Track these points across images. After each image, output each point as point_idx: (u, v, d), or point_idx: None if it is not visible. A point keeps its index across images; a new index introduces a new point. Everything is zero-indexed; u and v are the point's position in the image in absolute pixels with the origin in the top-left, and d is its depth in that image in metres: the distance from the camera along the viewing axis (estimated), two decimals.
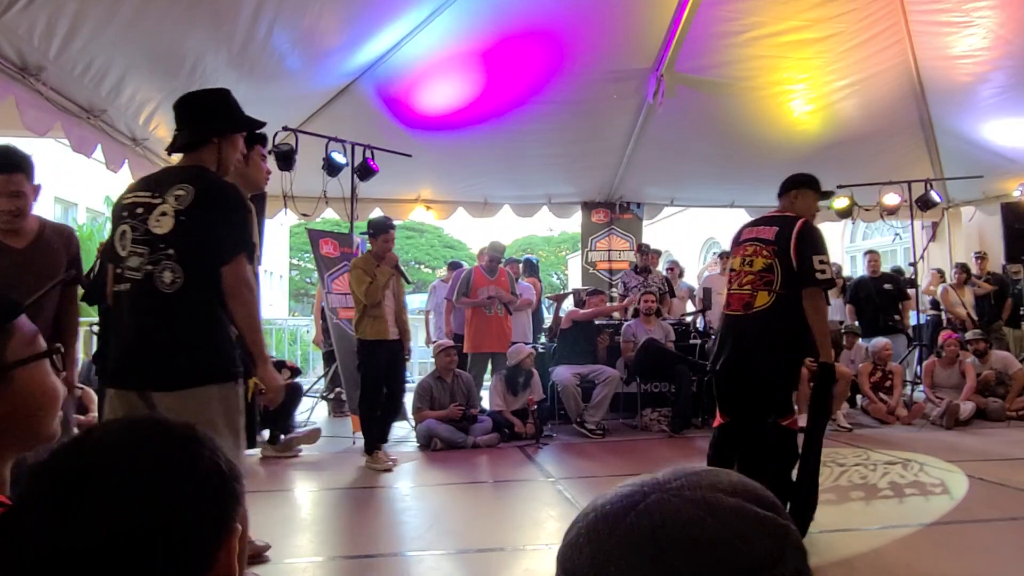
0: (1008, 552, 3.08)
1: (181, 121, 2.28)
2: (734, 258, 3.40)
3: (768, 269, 3.14)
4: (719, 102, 7.29)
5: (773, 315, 3.12)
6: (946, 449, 5.13)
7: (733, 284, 3.31)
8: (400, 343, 5.09)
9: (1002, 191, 8.22)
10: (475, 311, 6.41)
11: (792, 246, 3.10)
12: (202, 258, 2.07)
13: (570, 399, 6.06)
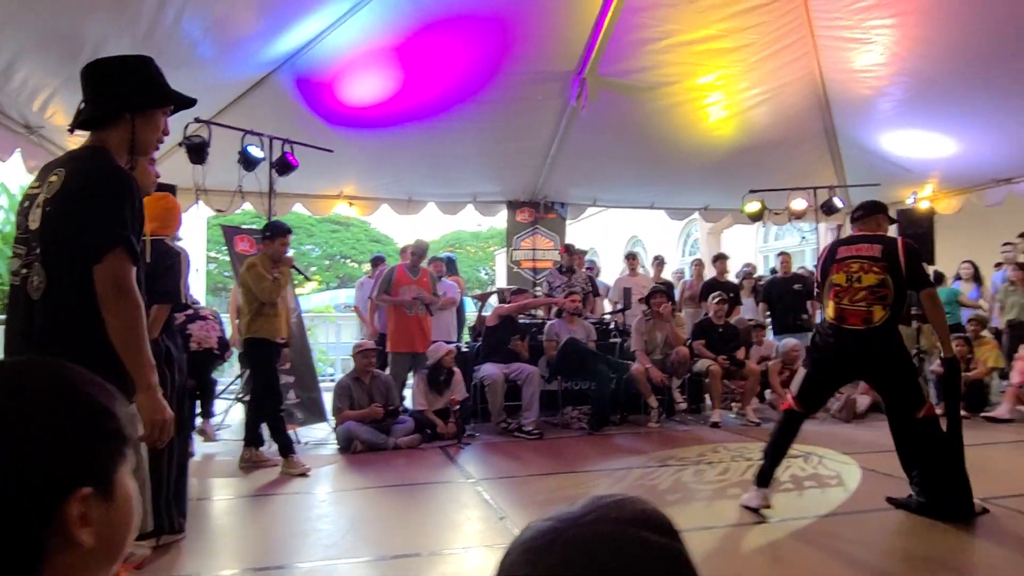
0: (891, 540, 3.30)
1: (87, 92, 1.91)
2: (836, 274, 3.70)
3: (881, 284, 3.53)
4: (640, 106, 7.47)
5: (891, 327, 3.55)
6: (843, 442, 5.46)
7: (844, 299, 3.62)
8: (286, 344, 5.10)
9: (898, 198, 8.78)
10: (396, 310, 6.35)
11: (902, 261, 3.52)
12: (67, 257, 1.73)
13: (497, 395, 6.09)
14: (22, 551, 0.58)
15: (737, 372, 6.70)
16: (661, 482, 4.31)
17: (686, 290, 8.80)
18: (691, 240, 17.64)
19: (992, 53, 6.05)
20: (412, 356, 6.29)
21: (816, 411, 4.00)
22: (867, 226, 3.85)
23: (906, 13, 6.00)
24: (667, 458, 5.00)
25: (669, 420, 6.66)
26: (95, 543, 0.62)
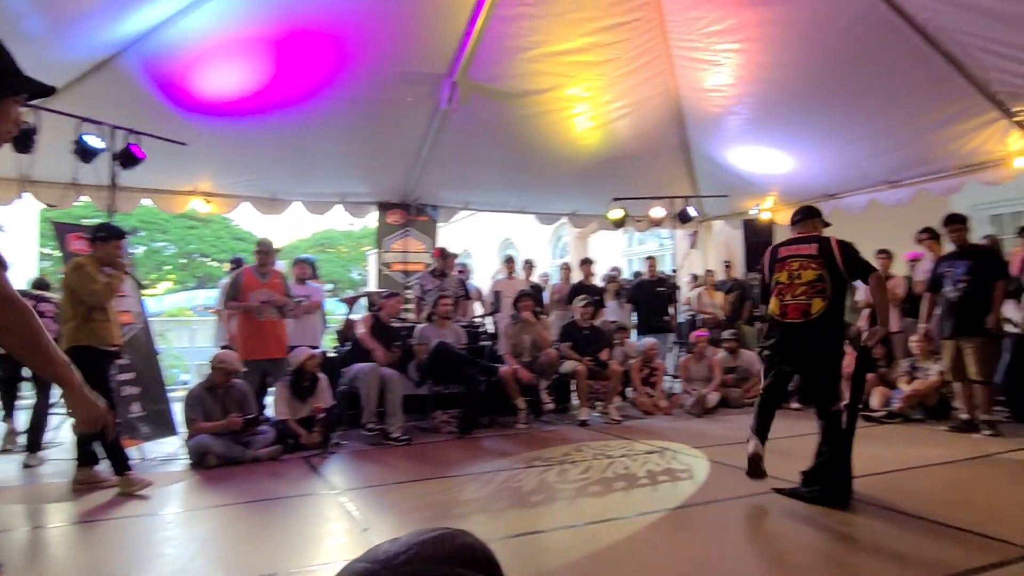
0: (734, 528, 3.57)
1: None
2: (779, 273, 4.08)
3: (819, 279, 3.92)
4: (511, 113, 7.60)
5: (829, 319, 3.90)
6: (694, 436, 5.85)
7: (786, 296, 4.00)
8: (118, 353, 4.77)
9: (743, 209, 9.56)
10: (246, 316, 6.01)
11: (837, 257, 3.90)
12: None
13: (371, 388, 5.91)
14: None
15: (601, 372, 6.99)
16: (526, 483, 4.40)
17: (554, 293, 9.06)
18: (561, 243, 18.17)
19: (821, 82, 6.72)
20: (268, 363, 6.00)
21: (782, 400, 4.40)
22: (805, 228, 4.28)
23: (750, 40, 6.54)
24: (533, 459, 5.12)
25: (537, 421, 6.82)
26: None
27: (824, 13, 5.95)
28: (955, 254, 5.84)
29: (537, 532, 3.46)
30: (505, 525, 3.58)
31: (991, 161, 6.84)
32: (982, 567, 2.82)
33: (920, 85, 6.25)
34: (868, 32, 5.89)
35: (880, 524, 3.47)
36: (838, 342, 4.00)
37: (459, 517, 3.74)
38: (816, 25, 6.11)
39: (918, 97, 6.42)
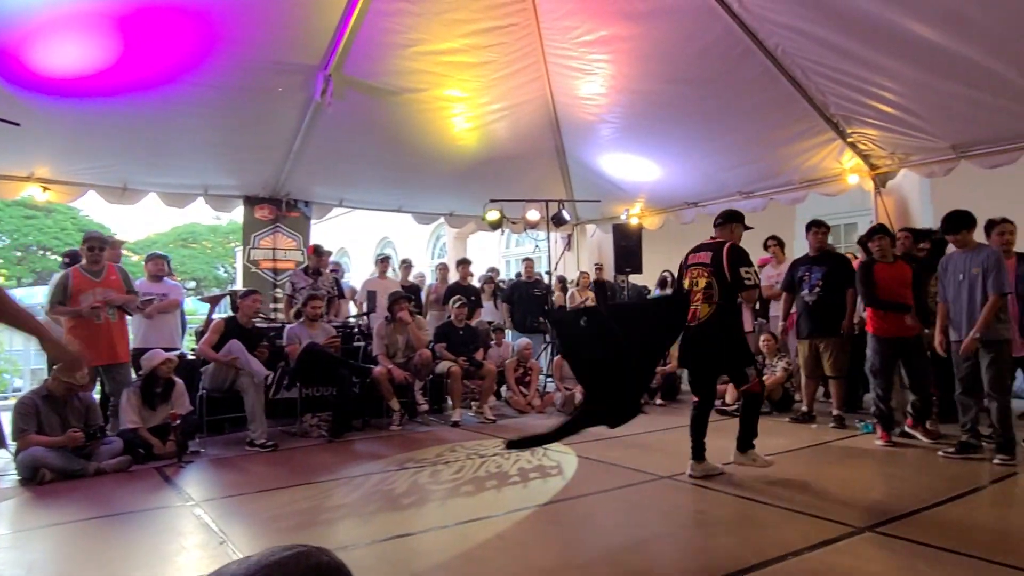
0: (600, 521, 3.70)
1: None
2: (685, 280, 4.46)
3: (708, 286, 4.27)
4: (388, 109, 7.47)
5: (716, 321, 4.27)
6: None
7: (691, 300, 4.37)
8: None
9: (614, 214, 9.97)
10: (76, 321, 5.35)
11: (725, 266, 4.24)
12: None
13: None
14: None
15: (476, 372, 7.03)
16: (398, 486, 4.34)
17: (431, 293, 9.01)
18: (440, 243, 18.14)
19: (684, 96, 7.15)
20: (109, 369, 5.51)
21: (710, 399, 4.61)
22: (722, 232, 4.54)
23: (619, 52, 6.84)
24: (406, 461, 5.06)
25: (412, 422, 6.76)
26: None
27: (686, 32, 6.33)
28: (813, 259, 6.26)
29: (408, 535, 3.42)
30: (375, 529, 3.51)
31: (829, 176, 7.57)
32: (815, 544, 3.10)
33: (769, 105, 6.81)
34: (726, 52, 6.33)
35: (728, 510, 3.73)
36: (727, 343, 4.36)
37: (326, 524, 3.63)
38: (679, 43, 6.49)
39: (767, 116, 6.99)
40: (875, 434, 5.44)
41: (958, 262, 4.81)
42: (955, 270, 4.80)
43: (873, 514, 3.51)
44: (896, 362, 5.36)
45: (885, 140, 6.74)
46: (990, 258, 4.64)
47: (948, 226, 4.81)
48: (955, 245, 4.86)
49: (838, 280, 6.03)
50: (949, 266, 4.89)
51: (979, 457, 4.71)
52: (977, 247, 4.78)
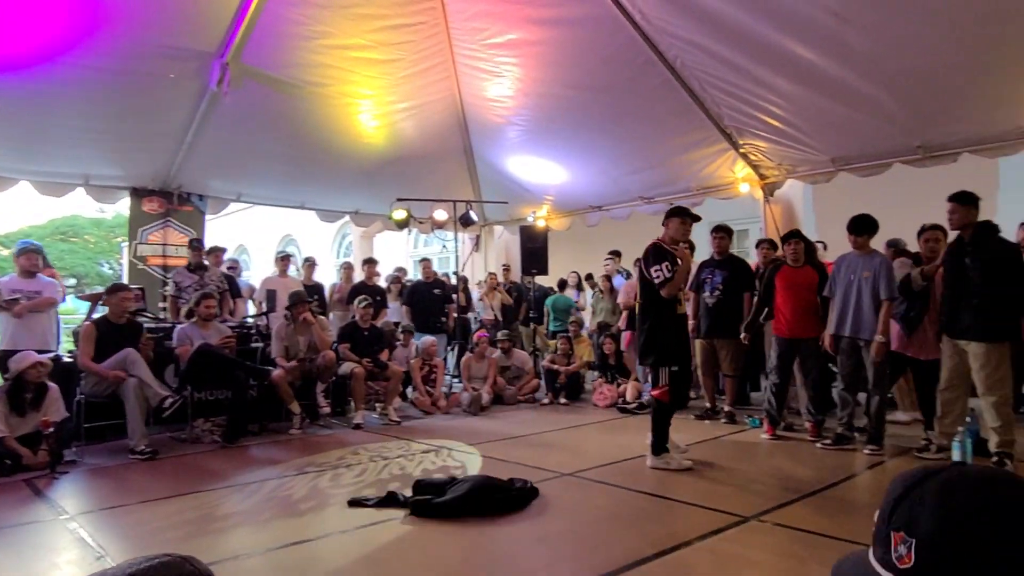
0: (503, 518, 3.70)
1: None
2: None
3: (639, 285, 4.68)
4: (290, 102, 7.22)
5: (643, 320, 4.69)
6: (470, 433, 6.03)
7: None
8: None
9: (521, 215, 10.08)
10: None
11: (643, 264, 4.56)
12: None
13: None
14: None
15: (380, 373, 6.91)
16: (296, 491, 4.19)
17: (335, 293, 8.78)
18: (346, 242, 17.72)
19: (589, 102, 7.33)
20: None
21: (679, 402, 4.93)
22: (664, 230, 4.78)
23: (527, 56, 6.92)
24: (306, 465, 4.90)
25: (313, 425, 6.55)
26: None
27: (592, 40, 6.50)
28: (716, 262, 6.55)
29: (305, 541, 3.32)
30: (270, 537, 3.38)
31: (723, 184, 7.97)
32: (705, 534, 3.26)
33: (669, 114, 7.09)
34: (628, 62, 6.54)
35: (627, 504, 3.85)
36: (642, 340, 4.68)
37: (216, 533, 3.45)
38: (585, 50, 6.65)
39: (667, 124, 7.28)
40: (762, 428, 5.77)
41: (852, 263, 5.16)
42: (848, 270, 5.16)
43: (759, 503, 3.73)
44: (792, 361, 5.69)
45: (773, 152, 7.17)
46: (882, 265, 5.02)
47: (854, 227, 5.14)
48: (853, 246, 5.20)
49: (737, 283, 6.35)
50: (843, 265, 5.22)
51: (852, 448, 5.10)
52: (871, 253, 5.15)
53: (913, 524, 0.70)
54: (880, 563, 0.74)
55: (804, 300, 5.54)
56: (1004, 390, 4.43)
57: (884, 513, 0.75)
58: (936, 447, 4.74)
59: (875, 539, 0.76)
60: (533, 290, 9.77)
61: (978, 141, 6.01)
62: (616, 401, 7.40)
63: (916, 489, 0.72)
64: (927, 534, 0.68)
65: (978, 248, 4.52)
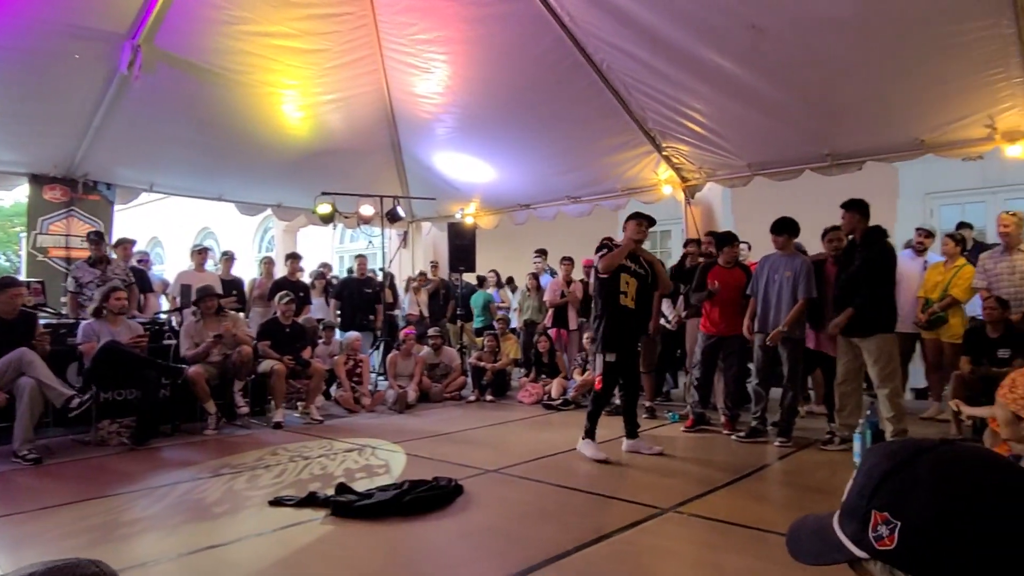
0: (427, 516, 3.68)
1: None
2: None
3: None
4: (207, 89, 6.93)
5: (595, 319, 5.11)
6: (395, 431, 5.97)
7: None
8: None
9: (449, 212, 10.04)
10: None
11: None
12: None
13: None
14: None
15: (302, 371, 6.73)
16: (210, 494, 4.03)
17: (255, 288, 8.49)
18: (269, 236, 17.18)
19: (518, 102, 7.37)
20: None
21: (625, 386, 5.31)
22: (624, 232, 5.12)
23: (457, 54, 6.90)
24: (221, 467, 4.72)
25: (230, 425, 6.32)
26: None
27: (521, 40, 6.54)
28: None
29: (219, 545, 3.19)
30: (181, 542, 3.24)
31: (647, 186, 8.17)
32: (624, 527, 3.34)
33: (596, 115, 7.22)
34: (557, 63, 6.62)
35: (550, 499, 3.90)
36: (594, 329, 5.06)
37: (122, 540, 3.28)
38: (515, 50, 6.69)
39: (594, 125, 7.41)
40: (681, 423, 5.97)
41: (776, 263, 5.42)
42: (771, 270, 5.42)
43: (676, 495, 3.85)
44: (716, 357, 5.90)
45: (694, 155, 7.42)
46: (802, 265, 5.29)
47: (776, 228, 5.41)
48: (776, 247, 5.47)
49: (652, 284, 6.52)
50: (767, 265, 5.50)
51: (764, 440, 5.34)
52: (793, 253, 5.42)
53: (901, 507, 0.66)
54: (852, 539, 0.70)
55: (732, 300, 5.77)
56: (895, 383, 4.79)
57: (864, 488, 0.70)
58: (839, 439, 5.03)
59: (847, 513, 0.72)
60: (461, 287, 9.75)
61: (879, 150, 6.41)
62: (542, 398, 7.49)
63: (905, 468, 0.68)
64: (918, 521, 0.65)
65: (865, 251, 4.86)
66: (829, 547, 0.73)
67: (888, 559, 0.67)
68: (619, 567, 2.90)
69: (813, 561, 0.75)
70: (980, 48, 4.97)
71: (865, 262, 4.84)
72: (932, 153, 6.18)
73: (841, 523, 0.73)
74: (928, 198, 8.82)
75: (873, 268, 4.81)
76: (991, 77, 5.23)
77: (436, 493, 3.77)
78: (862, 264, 4.84)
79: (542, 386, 7.70)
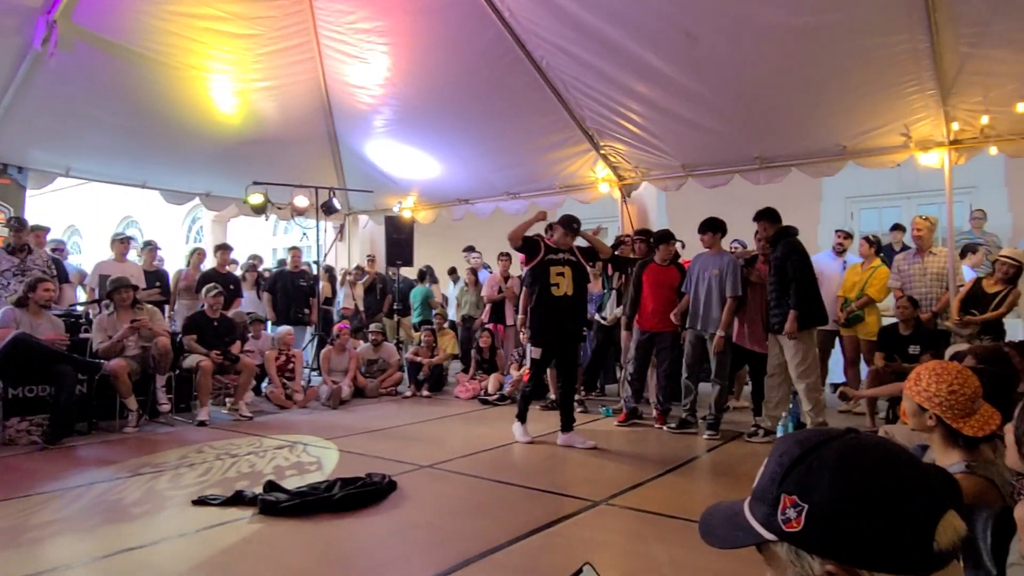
0: (356, 513, 3.63)
1: None
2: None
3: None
4: (130, 71, 6.58)
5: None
6: (328, 427, 5.85)
7: None
8: None
9: (387, 205, 9.89)
10: None
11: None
12: None
13: None
14: None
15: (231, 367, 6.51)
16: (128, 494, 3.85)
17: (182, 280, 8.16)
18: (198, 227, 16.56)
19: (458, 96, 7.32)
20: None
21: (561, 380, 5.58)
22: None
23: (397, 45, 6.79)
24: (141, 466, 4.52)
25: (152, 423, 6.06)
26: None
27: (461, 34, 6.49)
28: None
29: (138, 547, 3.06)
30: (96, 545, 3.09)
31: (584, 184, 8.26)
32: (557, 520, 3.38)
33: (535, 113, 7.25)
34: (498, 59, 6.61)
35: (484, 494, 3.91)
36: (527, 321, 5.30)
37: (31, 544, 3.10)
38: (455, 43, 6.64)
39: (533, 122, 7.43)
40: (614, 418, 6.07)
41: (705, 262, 5.61)
42: (700, 269, 5.60)
43: (609, 488, 3.92)
44: (650, 352, 6.02)
45: (631, 155, 7.55)
46: (729, 264, 5.47)
47: (702, 227, 5.63)
48: (703, 245, 5.67)
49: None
50: (697, 264, 5.70)
51: (693, 432, 5.51)
52: (720, 252, 5.60)
53: (808, 490, 0.70)
54: (762, 522, 0.73)
55: (667, 297, 5.91)
56: (812, 377, 5.03)
57: (775, 474, 0.73)
58: (763, 431, 5.23)
59: (758, 498, 0.75)
60: (399, 282, 9.63)
61: (805, 155, 6.68)
62: (479, 393, 7.48)
63: (813, 455, 0.72)
64: (823, 503, 0.68)
65: (773, 253, 5.17)
66: (739, 531, 0.76)
67: (794, 540, 0.70)
68: (551, 559, 2.93)
69: (722, 544, 0.78)
70: (897, 61, 5.24)
71: (775, 267, 5.13)
72: (853, 160, 6.48)
73: (752, 508, 0.76)
74: (849, 202, 9.26)
75: (783, 268, 5.05)
76: (906, 88, 5.52)
77: (369, 489, 3.72)
78: (774, 268, 5.11)
79: (479, 382, 7.70)
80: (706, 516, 0.83)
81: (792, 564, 0.71)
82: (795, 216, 8.73)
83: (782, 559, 0.72)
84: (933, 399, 1.88)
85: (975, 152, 5.96)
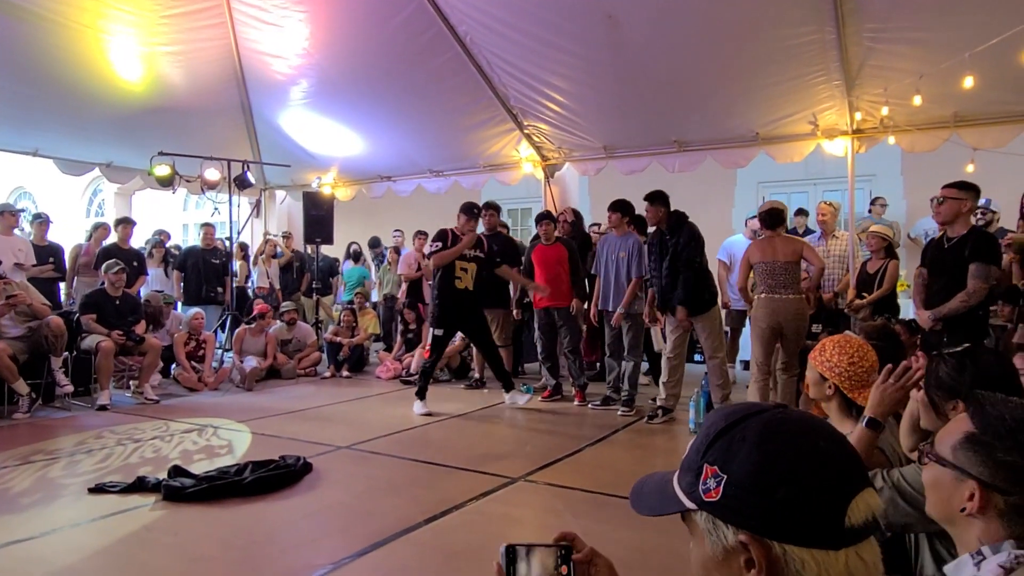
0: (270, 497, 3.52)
1: None
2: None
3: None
4: (19, 31, 6.05)
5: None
6: (241, 409, 5.65)
7: None
8: None
9: (305, 181, 9.57)
10: None
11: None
12: None
13: None
14: None
15: (135, 347, 6.17)
16: (17, 483, 3.60)
17: (81, 255, 7.65)
18: (99, 200, 15.58)
19: (380, 71, 7.11)
20: None
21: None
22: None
23: (314, 13, 6.51)
24: (33, 453, 4.23)
25: (47, 407, 5.69)
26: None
27: (382, 5, 6.29)
28: (488, 237, 6.72)
29: (26, 539, 2.86)
30: None
31: (508, 164, 8.24)
32: (474, 497, 3.38)
33: (458, 90, 7.15)
34: (420, 33, 6.45)
35: (400, 473, 3.88)
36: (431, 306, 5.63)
37: None
38: (377, 14, 6.41)
39: (456, 100, 7.33)
40: (537, 395, 6.13)
41: (612, 244, 5.70)
42: (609, 250, 5.69)
43: (527, 465, 3.96)
44: (554, 328, 6.11)
45: (554, 136, 7.58)
46: (635, 246, 5.57)
47: (610, 207, 5.71)
48: (610, 224, 5.79)
49: (504, 258, 6.64)
50: (605, 246, 5.80)
51: (615, 409, 5.63)
52: (626, 234, 5.69)
53: (728, 461, 0.71)
54: (686, 492, 0.75)
55: (554, 273, 6.01)
56: (721, 353, 5.21)
57: (700, 445, 0.75)
58: (662, 411, 5.31)
59: (685, 468, 0.77)
60: (319, 260, 9.36)
61: (721, 141, 6.89)
62: (400, 373, 7.40)
63: (737, 427, 0.73)
64: (739, 474, 0.70)
65: (672, 235, 5.18)
66: (666, 500, 0.78)
67: (711, 509, 0.72)
68: (467, 536, 2.94)
69: (649, 512, 0.80)
70: (806, 51, 5.46)
71: (674, 251, 5.12)
72: (764, 149, 6.74)
73: (679, 478, 0.78)
74: (760, 186, 9.62)
75: (687, 253, 5.08)
76: (814, 79, 5.77)
77: (281, 472, 3.62)
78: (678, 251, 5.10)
79: (401, 362, 7.61)
80: (639, 485, 0.85)
81: (709, 533, 0.72)
82: (711, 200, 9.09)
83: (700, 528, 0.74)
84: (834, 369, 1.99)
85: (875, 142, 6.30)
